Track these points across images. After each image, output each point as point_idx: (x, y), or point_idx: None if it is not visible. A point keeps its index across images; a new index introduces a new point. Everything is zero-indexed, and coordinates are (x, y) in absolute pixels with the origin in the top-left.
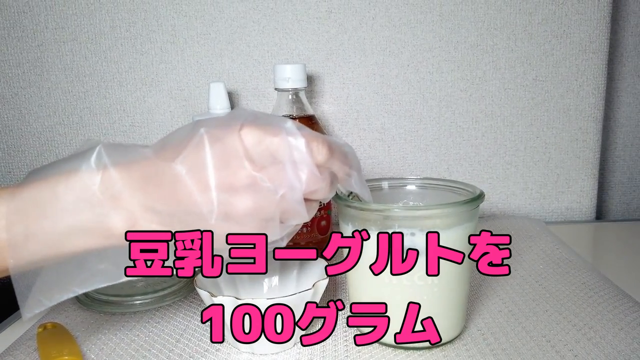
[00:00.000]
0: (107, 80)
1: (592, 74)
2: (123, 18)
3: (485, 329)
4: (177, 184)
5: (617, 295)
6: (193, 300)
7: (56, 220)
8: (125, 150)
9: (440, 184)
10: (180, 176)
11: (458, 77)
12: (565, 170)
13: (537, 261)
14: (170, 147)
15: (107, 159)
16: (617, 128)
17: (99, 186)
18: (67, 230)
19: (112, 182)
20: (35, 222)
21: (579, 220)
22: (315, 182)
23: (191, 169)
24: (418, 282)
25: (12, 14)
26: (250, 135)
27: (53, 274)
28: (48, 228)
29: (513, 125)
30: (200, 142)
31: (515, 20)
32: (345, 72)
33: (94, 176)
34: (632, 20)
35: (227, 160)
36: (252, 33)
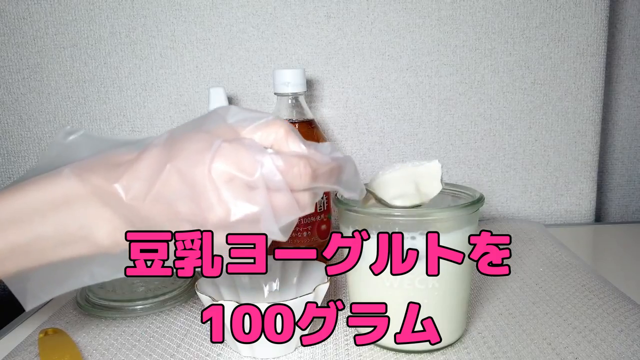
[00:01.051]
0: (107, 85)
1: (590, 77)
2: (123, 24)
3: (486, 332)
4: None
5: (617, 297)
6: (194, 305)
7: (38, 233)
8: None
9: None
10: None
11: (457, 80)
12: (564, 173)
13: (537, 264)
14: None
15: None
16: (615, 131)
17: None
18: (51, 242)
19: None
20: (18, 235)
21: (578, 222)
22: (292, 211)
23: (163, 203)
24: (419, 285)
25: (12, 20)
26: (221, 172)
27: (48, 274)
28: (31, 240)
29: (512, 128)
30: (168, 178)
31: (513, 24)
32: (345, 76)
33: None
34: (630, 23)
35: (196, 199)
36: (251, 38)
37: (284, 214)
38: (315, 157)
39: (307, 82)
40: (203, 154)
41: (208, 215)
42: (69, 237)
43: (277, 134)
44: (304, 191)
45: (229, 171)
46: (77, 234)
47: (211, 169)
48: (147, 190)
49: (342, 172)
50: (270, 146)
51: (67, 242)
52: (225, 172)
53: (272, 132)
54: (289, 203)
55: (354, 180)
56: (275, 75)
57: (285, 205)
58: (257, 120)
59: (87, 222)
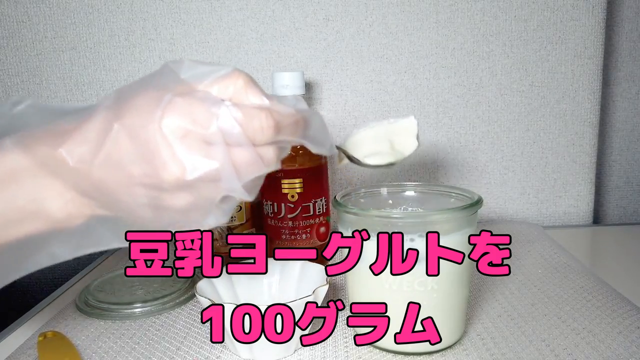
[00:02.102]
0: (105, 88)
1: (588, 80)
2: (122, 27)
3: (485, 334)
4: (103, 178)
5: (615, 299)
6: (193, 307)
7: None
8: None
9: (438, 189)
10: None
11: (455, 83)
12: (562, 174)
13: (536, 265)
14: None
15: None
16: (613, 132)
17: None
18: (2, 220)
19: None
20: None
21: (576, 224)
22: (255, 167)
23: (114, 166)
24: (418, 287)
25: (11, 23)
26: (174, 127)
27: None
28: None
29: (510, 130)
30: (117, 137)
31: (510, 27)
32: (343, 78)
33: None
34: (627, 26)
35: (149, 158)
36: (250, 41)
37: (247, 170)
38: (278, 109)
39: (305, 85)
40: (153, 109)
41: (163, 175)
42: (19, 213)
43: (236, 86)
44: (268, 145)
45: (183, 125)
46: (27, 208)
47: (162, 125)
48: (94, 153)
49: (308, 125)
50: (229, 99)
51: (18, 219)
52: (178, 127)
53: (230, 84)
54: (252, 158)
55: (321, 134)
56: (274, 77)
57: (247, 160)
58: (214, 73)
59: (36, 195)
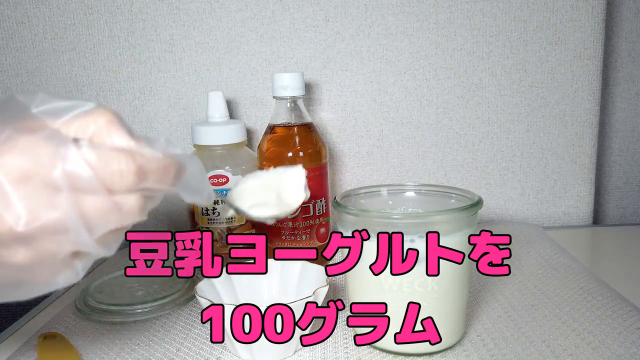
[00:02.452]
0: (105, 89)
1: (587, 80)
2: (122, 28)
3: (485, 335)
4: None
5: (615, 299)
6: (193, 308)
7: None
8: None
9: (438, 190)
10: None
11: (455, 83)
12: (562, 175)
13: (536, 266)
14: None
15: None
16: (612, 133)
17: None
18: None
19: None
20: None
21: (576, 225)
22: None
23: None
24: (418, 288)
25: (10, 24)
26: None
27: None
28: None
29: (510, 131)
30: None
31: (510, 28)
32: (343, 79)
33: None
34: (626, 27)
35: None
36: (250, 42)
37: (100, 221)
38: (143, 152)
39: (305, 86)
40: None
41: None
42: None
43: (97, 124)
44: (129, 193)
45: (23, 167)
46: None
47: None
48: None
49: (181, 171)
50: (89, 140)
51: None
52: (17, 169)
53: (90, 122)
54: (106, 207)
55: (198, 182)
56: (274, 78)
57: (100, 209)
58: (74, 110)
59: None
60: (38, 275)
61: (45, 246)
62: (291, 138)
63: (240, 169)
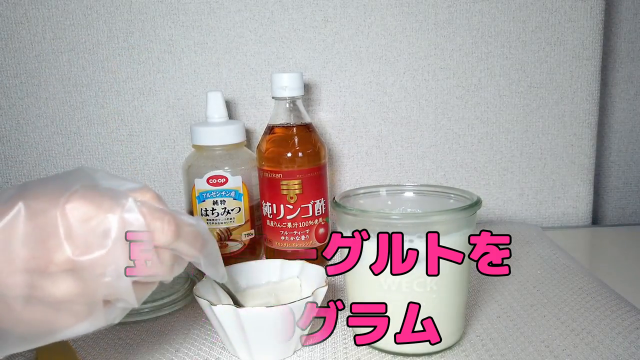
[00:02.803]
0: (104, 90)
1: (586, 81)
2: (120, 28)
3: (484, 335)
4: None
5: (614, 299)
6: (191, 309)
7: None
8: None
9: (437, 190)
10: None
11: (454, 84)
12: (561, 176)
13: (535, 266)
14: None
15: None
16: (611, 133)
17: None
18: None
19: None
20: None
21: (575, 225)
22: (152, 267)
23: (5, 246)
24: (417, 288)
25: (9, 24)
26: (77, 211)
27: None
28: None
29: (509, 131)
30: (16, 216)
31: (509, 28)
32: (342, 80)
33: None
34: (625, 27)
35: (43, 239)
36: (249, 42)
37: (140, 267)
38: (181, 217)
39: (304, 86)
40: (58, 196)
41: (54, 255)
42: None
43: (144, 198)
44: (165, 249)
45: (86, 211)
46: None
47: (66, 207)
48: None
49: (207, 242)
50: None
51: None
52: (81, 211)
53: (138, 196)
54: (148, 255)
55: (216, 257)
56: (273, 79)
57: (142, 257)
58: (125, 185)
59: None
60: (66, 315)
61: (87, 282)
62: (290, 138)
63: (239, 170)
